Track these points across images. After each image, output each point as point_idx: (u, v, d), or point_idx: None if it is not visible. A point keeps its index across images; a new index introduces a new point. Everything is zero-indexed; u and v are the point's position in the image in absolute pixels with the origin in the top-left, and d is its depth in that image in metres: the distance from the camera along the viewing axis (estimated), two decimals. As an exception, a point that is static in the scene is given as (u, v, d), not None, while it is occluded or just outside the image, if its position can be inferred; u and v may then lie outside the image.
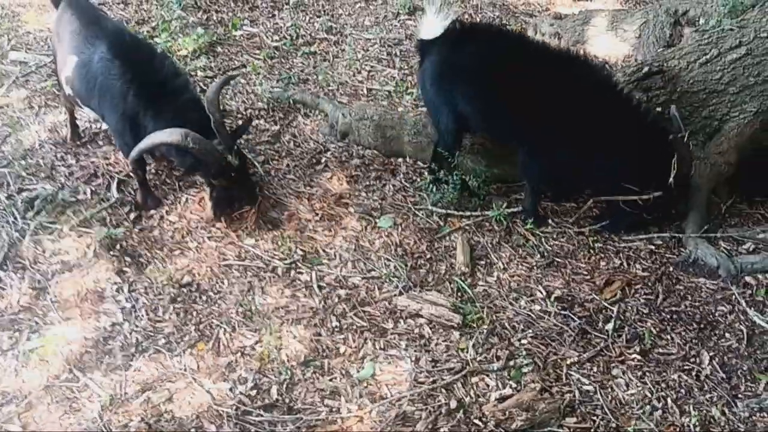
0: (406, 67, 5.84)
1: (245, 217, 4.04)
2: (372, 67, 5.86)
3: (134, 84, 3.79)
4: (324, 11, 6.81)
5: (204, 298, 3.63)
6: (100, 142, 4.70)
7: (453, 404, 3.14)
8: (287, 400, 3.15)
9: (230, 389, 3.18)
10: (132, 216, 4.11)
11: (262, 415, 3.07)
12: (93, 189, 4.32)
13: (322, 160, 4.73)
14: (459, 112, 4.17)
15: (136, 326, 3.48)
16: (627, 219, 4.12)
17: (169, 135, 3.59)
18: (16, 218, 4.01)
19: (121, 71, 3.80)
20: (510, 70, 4.03)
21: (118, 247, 3.88)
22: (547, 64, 4.08)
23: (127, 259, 3.83)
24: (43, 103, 5.09)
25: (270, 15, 6.67)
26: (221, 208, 3.99)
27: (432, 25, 4.21)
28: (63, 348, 3.34)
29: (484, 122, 4.24)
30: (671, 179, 3.86)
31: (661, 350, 3.46)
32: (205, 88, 5.42)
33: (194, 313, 3.55)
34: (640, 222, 4.16)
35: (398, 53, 6.07)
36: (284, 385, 3.21)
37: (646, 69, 4.36)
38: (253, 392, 3.17)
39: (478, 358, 3.38)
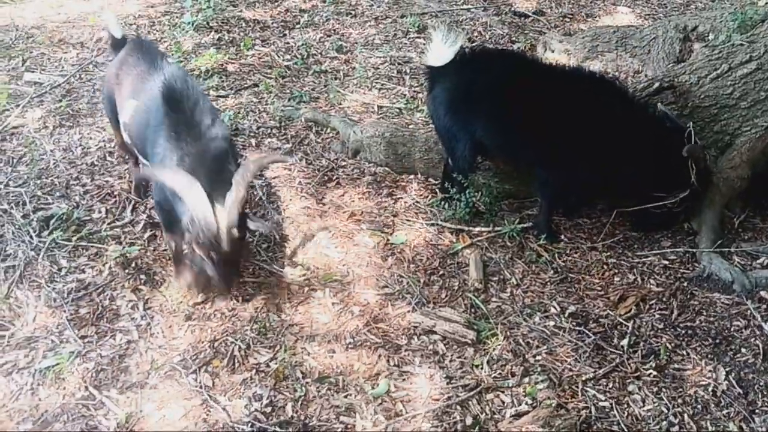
0: (416, 84, 5.89)
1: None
2: (382, 84, 5.91)
3: (170, 129, 3.50)
4: (334, 30, 6.89)
5: (218, 315, 3.64)
6: (115, 161, 4.74)
7: (468, 421, 3.12)
8: (302, 417, 3.14)
9: (245, 406, 3.17)
10: (146, 235, 4.13)
11: (277, 432, 3.07)
12: (108, 208, 4.35)
13: (334, 178, 4.76)
14: (475, 139, 4.17)
15: (152, 344, 3.49)
16: (657, 218, 4.16)
17: (173, 176, 3.25)
18: (31, 237, 4.05)
19: (164, 118, 3.53)
20: (525, 93, 4.04)
21: (133, 265, 3.90)
22: (561, 82, 4.11)
23: (142, 277, 3.85)
24: (58, 123, 5.15)
25: (281, 35, 6.75)
26: (191, 274, 3.55)
27: (440, 52, 4.19)
28: (79, 366, 3.36)
29: (503, 146, 4.25)
30: (693, 178, 3.93)
31: (676, 366, 3.44)
32: (217, 107, 5.48)
33: (209, 330, 3.56)
34: (670, 217, 4.19)
35: (408, 71, 6.12)
36: (299, 402, 3.21)
37: (657, 84, 4.38)
38: (268, 409, 3.17)
39: (493, 375, 3.37)
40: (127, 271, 3.87)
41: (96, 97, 5.54)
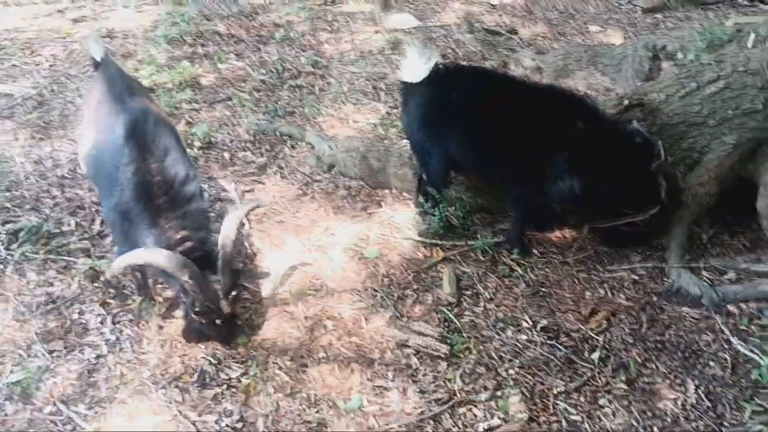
0: (391, 100, 5.92)
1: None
2: (358, 99, 5.93)
3: (136, 177, 3.33)
4: (310, 45, 6.91)
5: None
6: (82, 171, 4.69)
7: (441, 435, 3.13)
8: (274, 432, 3.12)
9: (216, 421, 3.14)
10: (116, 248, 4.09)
11: (248, 448, 3.04)
12: (77, 221, 4.31)
13: (309, 192, 4.76)
14: (448, 154, 4.20)
15: (121, 358, 3.44)
16: (628, 235, 4.21)
17: (165, 259, 3.11)
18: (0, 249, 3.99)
19: (128, 160, 3.35)
20: (497, 109, 4.08)
21: (102, 278, 3.86)
22: (533, 99, 4.15)
23: (111, 291, 3.81)
24: (28, 136, 5.10)
25: (255, 49, 6.76)
26: (191, 336, 3.48)
27: (415, 68, 4.22)
28: (47, 381, 3.30)
29: (475, 162, 4.28)
30: (664, 195, 3.98)
31: (646, 379, 3.47)
32: (190, 120, 5.46)
33: (179, 345, 3.52)
34: (640, 235, 4.24)
35: (383, 87, 6.15)
36: (270, 418, 3.18)
37: (626, 102, 4.44)
38: (239, 425, 3.14)
39: (466, 389, 3.37)
40: (96, 284, 3.82)
41: (68, 110, 5.49)
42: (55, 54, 6.40)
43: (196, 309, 3.23)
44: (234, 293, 3.32)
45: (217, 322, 3.30)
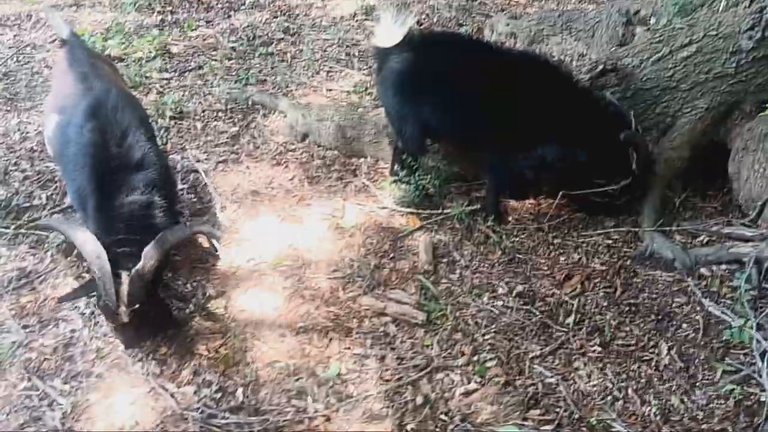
0: (365, 67, 5.86)
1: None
2: (331, 67, 5.87)
3: (93, 161, 3.28)
4: (281, 12, 6.81)
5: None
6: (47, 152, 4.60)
7: (419, 400, 3.15)
8: (253, 402, 3.12)
9: (195, 392, 3.14)
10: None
11: (227, 418, 3.04)
12: (48, 194, 4.23)
13: (283, 161, 4.72)
14: (423, 120, 4.17)
15: (96, 332, 3.42)
16: (601, 205, 4.22)
17: (83, 240, 3.03)
18: (-32, 225, 3.92)
19: (87, 143, 3.30)
20: (473, 75, 4.06)
21: (75, 252, 3.80)
22: (509, 66, 4.14)
23: (85, 264, 3.76)
24: (-6, 107, 4.98)
25: (226, 15, 6.64)
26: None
27: (389, 33, 4.16)
28: (21, 356, 3.27)
29: (450, 128, 4.26)
30: (634, 166, 3.99)
31: (620, 342, 3.52)
32: (161, 90, 5.37)
33: (156, 318, 3.50)
34: (613, 206, 4.25)
35: (357, 54, 6.09)
36: (250, 387, 3.19)
37: (600, 67, 4.45)
38: (219, 395, 3.14)
39: (443, 355, 3.40)
40: (69, 258, 3.77)
41: (34, 81, 5.37)
42: (19, 23, 6.23)
43: (99, 303, 3.12)
44: (144, 308, 3.09)
45: (114, 325, 3.16)
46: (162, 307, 3.39)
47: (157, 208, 3.28)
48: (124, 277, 3.04)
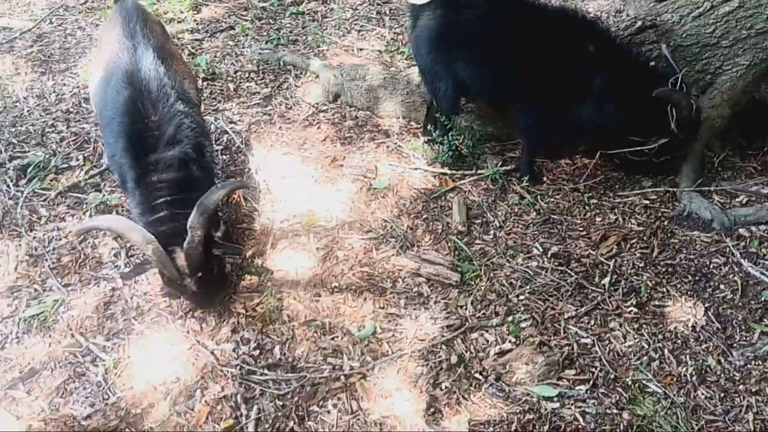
0: (396, 25, 5.79)
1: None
2: (362, 26, 5.81)
3: (129, 129, 3.23)
4: (311, -30, 6.71)
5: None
6: (90, 108, 4.64)
7: (454, 359, 3.18)
8: (290, 359, 3.18)
9: (233, 350, 3.20)
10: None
11: (266, 374, 3.10)
12: (85, 155, 4.29)
13: (315, 122, 4.71)
14: (458, 78, 4.12)
15: (136, 290, 3.48)
16: (639, 164, 4.13)
17: (130, 231, 3.07)
18: (8, 186, 3.99)
19: (124, 109, 3.25)
20: (507, 32, 4.00)
21: (113, 213, 3.86)
22: (543, 21, 4.05)
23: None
24: (30, 69, 5.02)
25: (256, -25, 6.56)
26: (169, 296, 3.39)
27: None
28: (64, 314, 3.35)
29: (484, 86, 4.20)
30: (673, 125, 3.89)
31: (657, 302, 3.50)
32: (193, 51, 5.37)
33: (194, 277, 3.55)
34: (652, 166, 4.15)
35: (388, 12, 6.01)
36: (287, 345, 3.24)
37: (639, 23, 4.34)
38: (256, 352, 3.20)
39: (477, 315, 3.41)
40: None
41: (68, 43, 5.40)
42: (51, -15, 6.25)
43: (165, 279, 3.20)
44: (206, 272, 3.18)
45: (184, 290, 3.22)
46: (221, 266, 3.44)
47: (195, 180, 3.28)
48: (178, 252, 3.11)
